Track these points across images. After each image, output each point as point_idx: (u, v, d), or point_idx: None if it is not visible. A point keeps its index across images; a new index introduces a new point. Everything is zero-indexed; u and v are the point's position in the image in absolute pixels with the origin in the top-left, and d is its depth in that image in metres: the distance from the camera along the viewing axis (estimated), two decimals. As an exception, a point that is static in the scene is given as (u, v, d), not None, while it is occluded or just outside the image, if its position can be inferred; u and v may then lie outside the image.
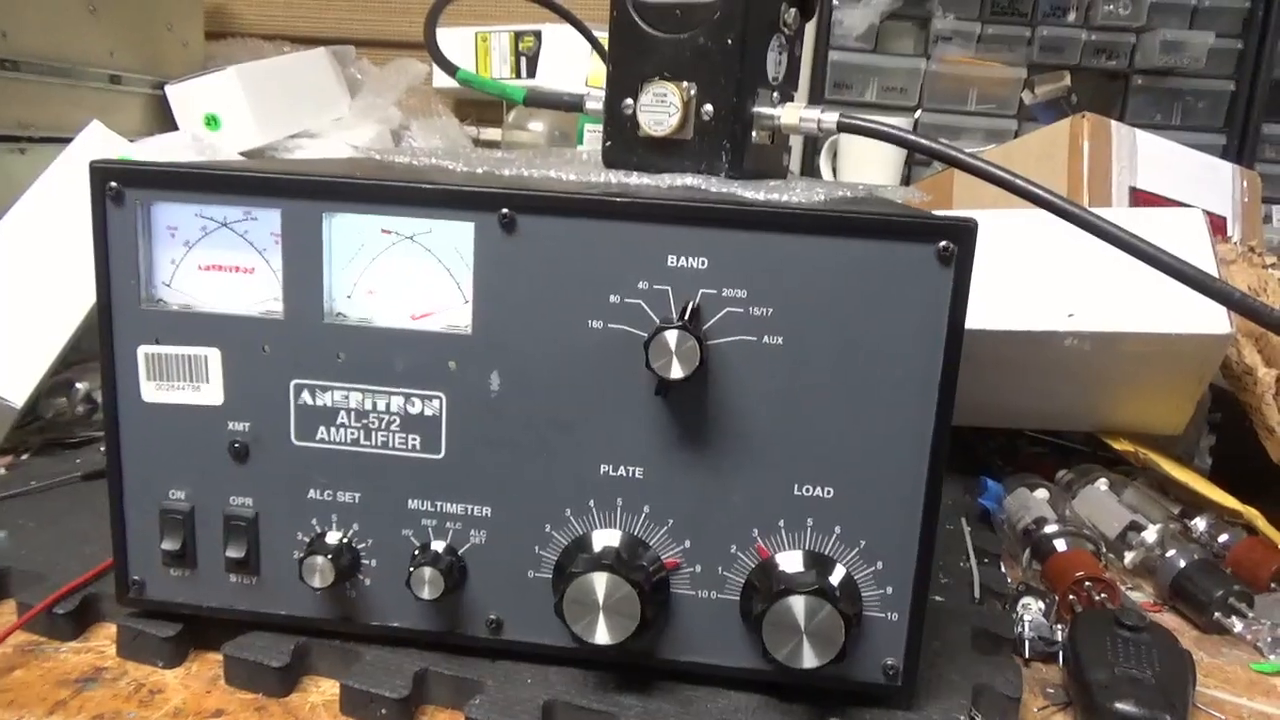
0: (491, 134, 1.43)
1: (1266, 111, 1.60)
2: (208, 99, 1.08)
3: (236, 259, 0.44)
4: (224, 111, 1.07)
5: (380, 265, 0.43)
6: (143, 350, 0.44)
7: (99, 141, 0.79)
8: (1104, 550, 0.61)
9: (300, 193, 0.43)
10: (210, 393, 0.45)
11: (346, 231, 0.43)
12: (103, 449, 0.45)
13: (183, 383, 0.44)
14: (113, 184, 0.43)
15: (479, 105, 1.46)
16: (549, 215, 0.41)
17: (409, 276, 0.43)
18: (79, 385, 0.71)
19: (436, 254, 0.43)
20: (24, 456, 0.68)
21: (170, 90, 1.08)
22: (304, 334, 0.44)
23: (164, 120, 1.09)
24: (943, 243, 0.40)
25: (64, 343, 0.69)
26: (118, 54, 1.03)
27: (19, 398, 0.67)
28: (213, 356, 0.44)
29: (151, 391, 0.45)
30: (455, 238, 0.42)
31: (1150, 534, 0.61)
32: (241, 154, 1.07)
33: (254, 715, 0.43)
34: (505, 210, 0.41)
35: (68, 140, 0.78)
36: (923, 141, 0.48)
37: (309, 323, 0.43)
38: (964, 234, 0.39)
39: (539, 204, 0.41)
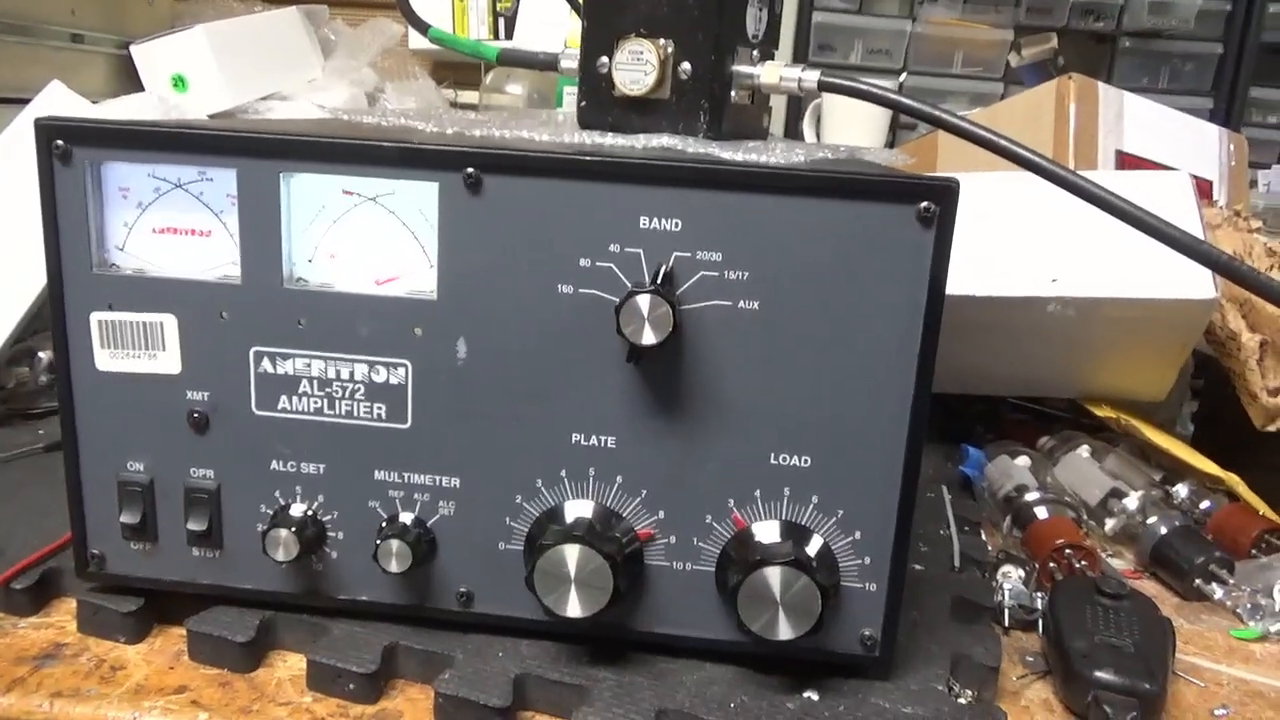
0: (469, 97, 1.40)
1: (1254, 75, 1.58)
2: (175, 59, 1.04)
3: (192, 221, 0.42)
4: (192, 72, 1.04)
5: (342, 228, 0.42)
6: (95, 317, 0.43)
7: (60, 102, 0.76)
8: (1085, 517, 0.61)
9: (257, 152, 0.41)
10: (167, 361, 0.43)
11: (306, 193, 0.41)
12: (61, 419, 0.44)
13: (138, 350, 0.43)
14: (59, 142, 0.41)
15: (456, 68, 1.43)
16: (516, 175, 0.40)
17: (372, 240, 0.41)
18: (41, 354, 0.69)
19: (400, 216, 0.41)
20: (-15, 427, 0.66)
21: (136, 50, 1.05)
22: (263, 300, 0.42)
23: (130, 81, 1.06)
24: (924, 204, 0.38)
25: (24, 310, 0.67)
26: (80, 11, 0.99)
27: (-22, 367, 0.65)
28: (169, 323, 0.43)
29: (106, 360, 0.43)
30: (419, 199, 0.41)
31: (1131, 501, 0.60)
32: (210, 116, 1.04)
33: (218, 691, 0.42)
34: (470, 170, 0.40)
35: (27, 101, 0.76)
36: (905, 100, 0.47)
37: (268, 288, 0.42)
38: (945, 195, 0.38)
39: (505, 163, 0.40)
